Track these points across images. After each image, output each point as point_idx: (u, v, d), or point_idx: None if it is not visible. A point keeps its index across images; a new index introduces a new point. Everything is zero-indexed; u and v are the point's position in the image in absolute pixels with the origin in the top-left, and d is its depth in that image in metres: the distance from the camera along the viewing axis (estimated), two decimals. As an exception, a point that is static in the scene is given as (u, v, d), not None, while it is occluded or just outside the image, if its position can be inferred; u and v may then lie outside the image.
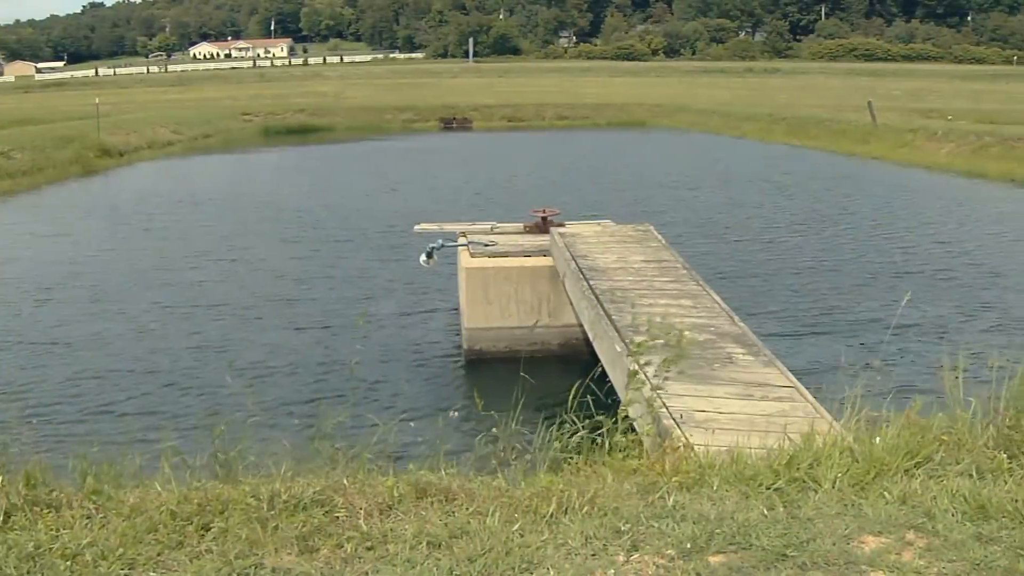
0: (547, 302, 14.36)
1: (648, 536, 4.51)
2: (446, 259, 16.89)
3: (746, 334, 9.49)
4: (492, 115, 68.68)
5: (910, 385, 11.72)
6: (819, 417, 6.93)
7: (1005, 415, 5.96)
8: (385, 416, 10.71)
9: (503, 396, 6.86)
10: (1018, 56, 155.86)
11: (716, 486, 5.12)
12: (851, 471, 5.25)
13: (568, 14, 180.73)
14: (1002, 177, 35.20)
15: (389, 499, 4.96)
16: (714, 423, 6.81)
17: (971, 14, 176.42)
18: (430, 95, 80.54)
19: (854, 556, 4.31)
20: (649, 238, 15.21)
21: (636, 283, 11.91)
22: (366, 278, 19.93)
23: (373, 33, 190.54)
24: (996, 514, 4.69)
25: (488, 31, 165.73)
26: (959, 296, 18.25)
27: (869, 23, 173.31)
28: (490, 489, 5.17)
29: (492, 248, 15.19)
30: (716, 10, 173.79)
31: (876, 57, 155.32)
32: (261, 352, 14.96)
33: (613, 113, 69.67)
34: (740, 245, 23.79)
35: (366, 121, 65.58)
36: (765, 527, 4.55)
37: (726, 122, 60.88)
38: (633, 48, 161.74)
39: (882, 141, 45.51)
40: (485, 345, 14.40)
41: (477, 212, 25.32)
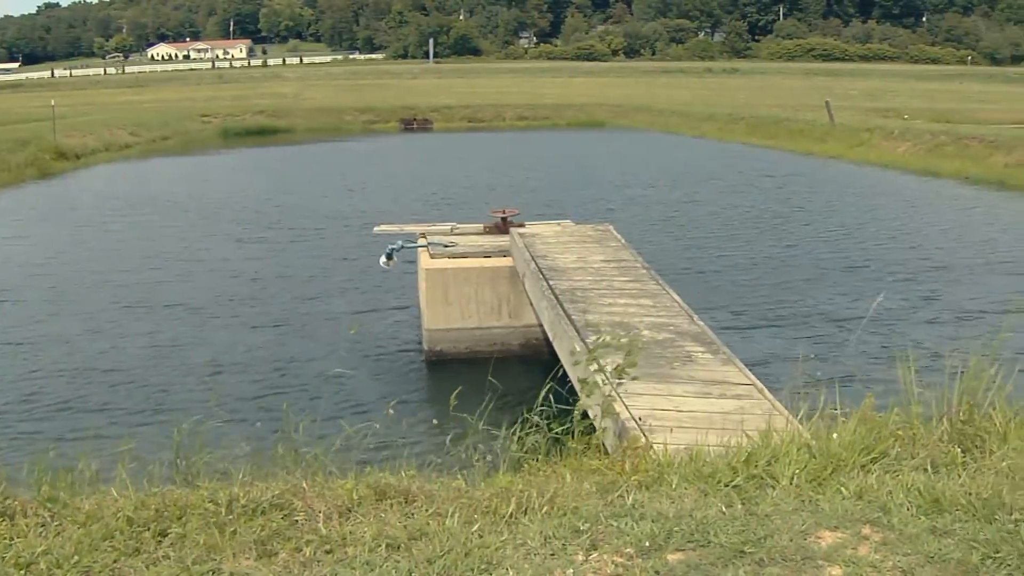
0: (507, 302, 14.36)
1: (607, 535, 4.52)
2: (406, 260, 16.86)
3: (705, 333, 9.54)
4: (452, 116, 68.66)
5: (866, 380, 11.86)
6: (777, 414, 6.97)
7: (959, 409, 6.03)
8: (345, 418, 10.68)
9: (465, 397, 6.85)
10: (972, 56, 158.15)
11: (675, 484, 5.13)
12: (808, 467, 5.28)
13: (528, 15, 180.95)
14: (956, 175, 35.76)
15: (348, 502, 4.94)
16: (673, 422, 6.84)
17: (926, 15, 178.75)
18: (390, 96, 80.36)
19: (811, 551, 4.34)
20: (608, 238, 15.25)
21: (596, 283, 11.94)
22: (326, 280, 19.83)
23: (333, 34, 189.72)
24: (950, 507, 4.74)
25: (448, 32, 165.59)
26: (912, 290, 18.57)
27: (826, 24, 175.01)
28: (450, 490, 5.16)
29: (452, 249, 15.17)
30: (675, 11, 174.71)
31: (833, 57, 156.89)
32: (219, 354, 14.85)
33: (573, 113, 69.87)
34: (697, 243, 23.98)
35: (326, 122, 65.34)
36: (723, 524, 4.58)
37: (685, 122, 61.22)
38: (593, 48, 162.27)
39: (839, 140, 45.98)
40: (446, 346, 14.37)
41: (437, 213, 25.31)
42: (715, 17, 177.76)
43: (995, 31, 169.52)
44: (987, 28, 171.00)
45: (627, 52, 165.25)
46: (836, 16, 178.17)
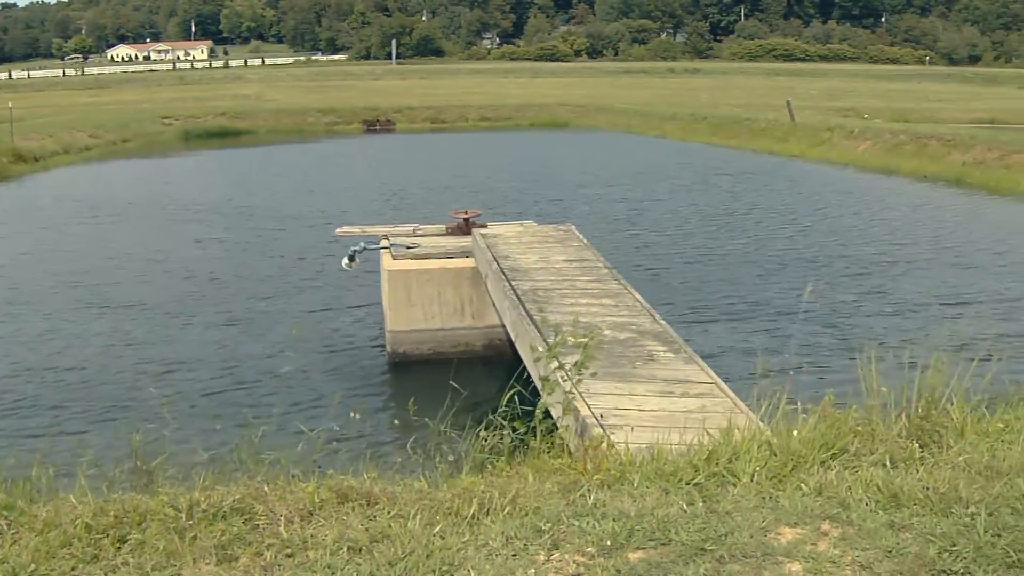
0: (470, 303, 14.36)
1: (569, 534, 4.53)
2: (368, 262, 16.81)
3: (667, 332, 9.58)
4: (415, 117, 68.50)
5: (826, 376, 11.99)
6: (739, 412, 7.02)
7: (917, 405, 6.10)
8: (308, 422, 10.63)
9: (429, 398, 6.86)
10: (930, 56, 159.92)
11: (637, 483, 5.15)
12: (769, 464, 5.32)
13: (491, 15, 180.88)
14: (914, 173, 36.30)
15: (310, 505, 4.92)
16: (635, 421, 6.86)
17: (885, 15, 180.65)
18: (353, 97, 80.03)
19: (771, 548, 4.37)
20: (570, 238, 15.28)
21: (558, 283, 11.96)
22: (287, 282, 19.73)
23: (295, 35, 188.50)
24: (908, 502, 4.79)
25: (411, 32, 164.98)
26: (871, 285, 19.01)
27: (787, 24, 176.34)
28: (412, 492, 5.15)
29: (414, 250, 15.15)
30: (638, 11, 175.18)
31: (794, 57, 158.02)
32: (179, 356, 14.76)
33: (536, 114, 69.92)
34: (656, 240, 24.23)
35: (288, 124, 65.01)
36: (684, 522, 4.60)
37: (648, 122, 61.45)
38: (556, 49, 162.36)
39: (801, 139, 46.38)
40: (409, 348, 14.35)
41: (399, 214, 25.26)
42: (677, 18, 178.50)
43: (952, 32, 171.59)
44: (944, 29, 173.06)
45: (590, 52, 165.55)
46: (797, 17, 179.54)
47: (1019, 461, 5.26)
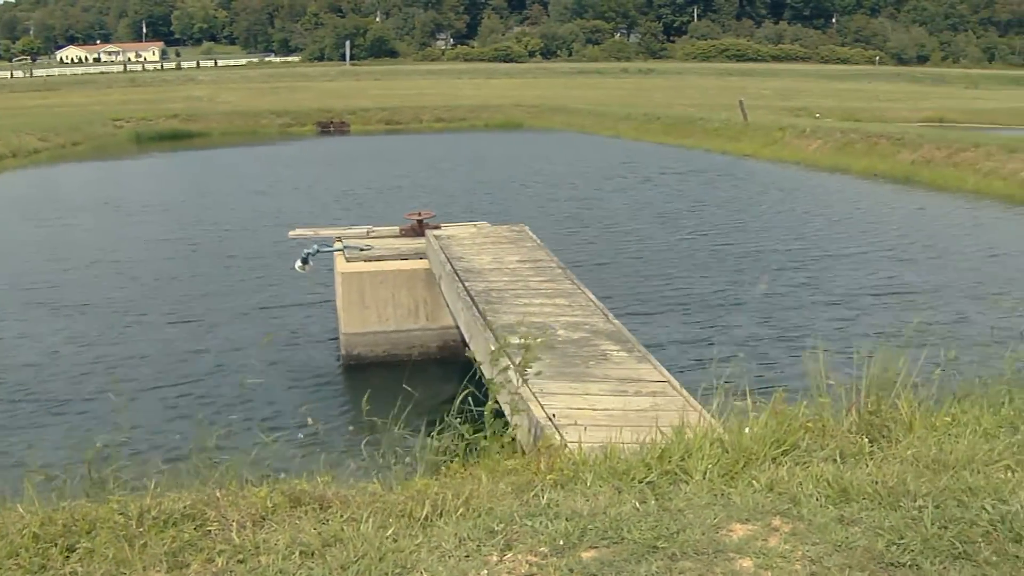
0: (424, 305, 14.33)
1: (521, 535, 4.52)
2: (322, 264, 16.72)
3: (620, 331, 9.61)
4: (370, 118, 68.19)
5: (777, 372, 12.12)
6: (691, 410, 7.05)
7: (866, 400, 6.16)
8: (261, 425, 10.58)
9: (384, 400, 6.82)
10: (880, 56, 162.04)
11: (590, 482, 5.15)
12: (721, 462, 5.35)
13: (445, 16, 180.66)
14: (865, 172, 36.81)
15: (262, 510, 4.87)
16: (588, 420, 6.86)
17: (836, 16, 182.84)
18: (307, 99, 79.58)
19: (722, 544, 4.39)
20: (524, 238, 15.30)
21: (511, 283, 11.96)
22: (240, 285, 19.57)
23: (248, 36, 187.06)
24: (857, 496, 4.84)
25: (365, 33, 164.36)
26: (806, 277, 19.80)
27: (739, 24, 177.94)
28: (365, 495, 5.12)
29: (368, 252, 15.08)
30: (591, 12, 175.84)
31: (747, 57, 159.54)
32: (131, 360, 14.60)
33: (490, 115, 69.91)
34: (610, 239, 24.44)
35: (242, 126, 64.46)
36: (637, 520, 4.60)
37: (602, 122, 61.65)
38: (510, 50, 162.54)
39: (753, 139, 46.75)
40: (363, 350, 14.29)
41: (353, 216, 25.16)
42: (631, 18, 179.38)
43: (901, 32, 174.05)
44: (893, 29, 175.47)
45: (544, 53, 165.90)
46: (749, 17, 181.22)
47: (966, 454, 5.33)
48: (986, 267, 20.66)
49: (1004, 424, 5.97)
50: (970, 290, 18.43)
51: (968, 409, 6.23)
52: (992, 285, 18.71)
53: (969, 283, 18.98)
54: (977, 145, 35.39)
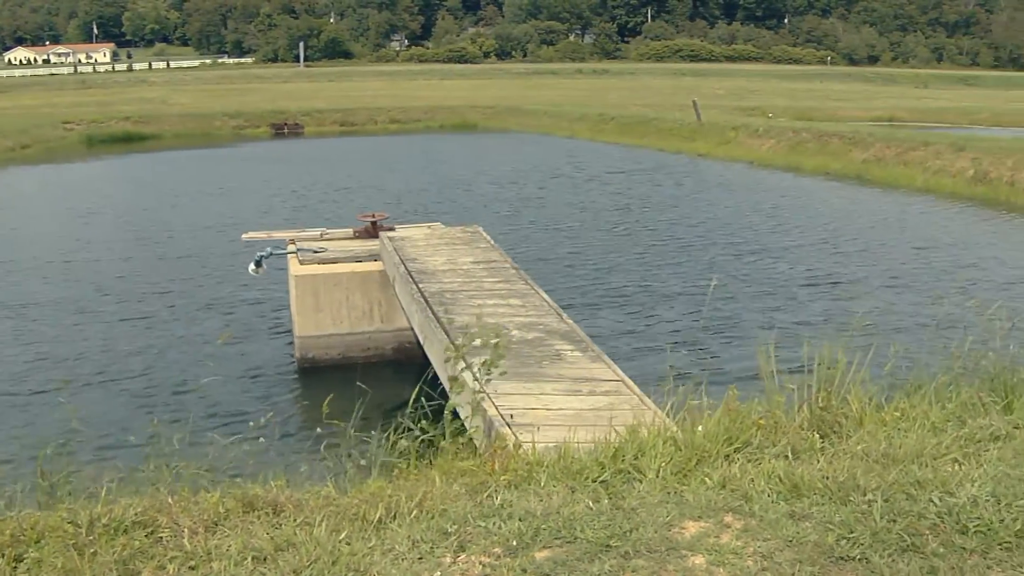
0: (379, 307, 14.28)
1: (475, 536, 4.52)
2: (276, 267, 16.62)
3: (574, 331, 9.62)
4: (324, 120, 67.76)
5: (731, 371, 12.21)
6: (645, 409, 7.08)
7: (817, 396, 6.22)
8: (216, 430, 10.46)
9: (339, 403, 6.79)
10: (831, 57, 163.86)
11: (544, 482, 5.16)
12: (674, 460, 5.38)
13: (399, 17, 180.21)
14: (817, 170, 37.27)
15: (215, 515, 4.84)
16: (543, 420, 6.87)
17: (788, 17, 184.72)
18: (260, 100, 79.00)
19: (675, 542, 4.42)
20: (478, 239, 15.29)
21: (465, 284, 11.95)
22: (194, 289, 19.38)
23: (200, 37, 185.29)
24: (808, 492, 4.89)
25: (319, 35, 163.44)
26: (750, 269, 20.55)
27: (693, 25, 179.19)
28: (318, 499, 5.11)
29: (321, 255, 14.99)
30: (546, 13, 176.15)
31: (700, 58, 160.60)
32: (84, 364, 14.42)
33: (445, 116, 69.80)
34: (561, 238, 24.66)
35: (195, 128, 63.79)
36: (590, 519, 4.63)
37: (557, 123, 61.78)
38: (465, 51, 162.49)
39: (707, 138, 47.08)
40: (318, 353, 14.21)
41: (307, 218, 25.03)
42: (585, 19, 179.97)
43: (852, 33, 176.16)
44: (845, 30, 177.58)
45: (498, 54, 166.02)
46: (702, 18, 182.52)
47: (914, 448, 5.40)
48: (913, 259, 21.62)
49: (951, 418, 6.05)
50: (893, 281, 19.34)
51: (917, 404, 6.31)
52: (913, 277, 19.68)
53: (893, 274, 19.92)
54: (926, 144, 35.91)
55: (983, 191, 30.20)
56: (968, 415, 6.12)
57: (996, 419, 5.98)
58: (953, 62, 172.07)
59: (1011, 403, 6.37)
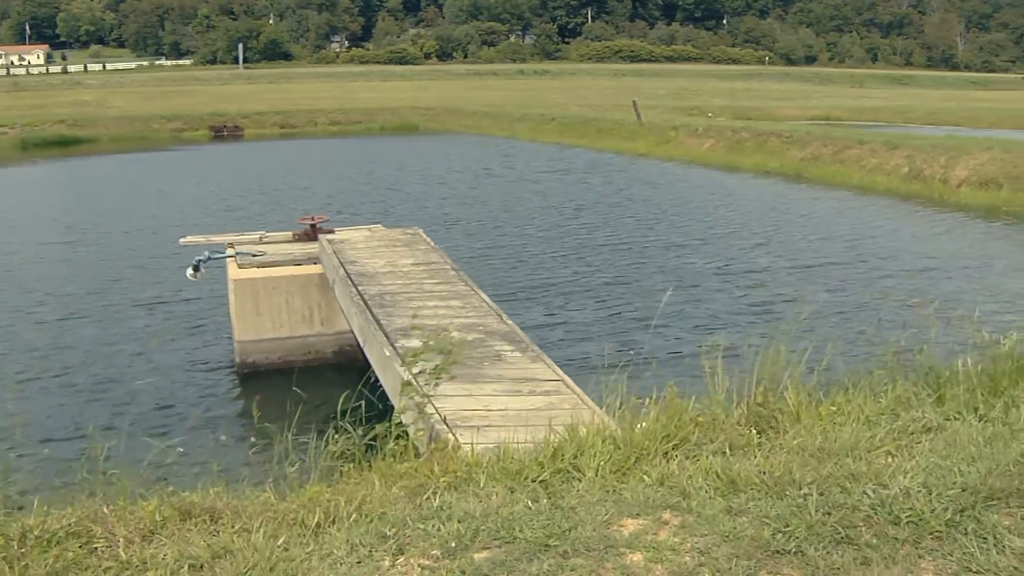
0: (319, 310, 14.18)
1: (414, 538, 4.50)
2: (215, 271, 16.45)
3: (514, 332, 9.62)
4: (264, 122, 67.18)
5: (669, 369, 12.29)
6: (585, 408, 7.09)
7: (755, 393, 6.28)
8: (154, 438, 10.30)
9: (279, 408, 6.74)
10: (769, 57, 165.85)
11: (483, 483, 5.16)
12: (613, 458, 5.40)
13: (339, 18, 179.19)
14: (755, 169, 37.75)
15: (151, 524, 4.76)
16: (483, 421, 6.86)
17: (726, 17, 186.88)
18: (199, 103, 78.15)
19: (613, 540, 4.43)
20: (418, 241, 15.24)
21: (405, 286, 11.89)
22: (132, 294, 19.07)
23: (137, 39, 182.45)
24: (745, 487, 4.93)
25: (258, 36, 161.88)
26: (682, 263, 21.29)
27: (633, 26, 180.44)
28: (257, 504, 5.05)
29: (260, 258, 14.85)
30: (486, 14, 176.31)
31: (640, 58, 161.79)
32: (17, 371, 14.13)
33: (386, 118, 69.58)
34: (500, 239, 24.78)
35: (132, 131, 62.91)
36: (529, 519, 4.62)
37: (498, 124, 61.87)
38: (405, 52, 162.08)
39: (647, 138, 47.40)
40: (258, 357, 14.06)
41: (246, 222, 24.80)
42: (525, 20, 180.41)
43: (790, 33, 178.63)
44: (782, 30, 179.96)
45: (439, 55, 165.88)
46: (642, 19, 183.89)
47: (849, 441, 5.47)
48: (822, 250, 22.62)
49: (886, 412, 6.14)
50: (797, 271, 20.22)
51: (852, 398, 6.39)
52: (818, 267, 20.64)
53: (798, 266, 20.80)
54: (862, 142, 36.49)
55: (917, 188, 30.77)
56: (902, 408, 6.21)
57: (928, 412, 6.07)
58: (888, 62, 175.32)
59: (943, 396, 6.47)
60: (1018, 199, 27.29)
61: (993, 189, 28.52)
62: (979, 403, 6.24)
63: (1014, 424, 5.76)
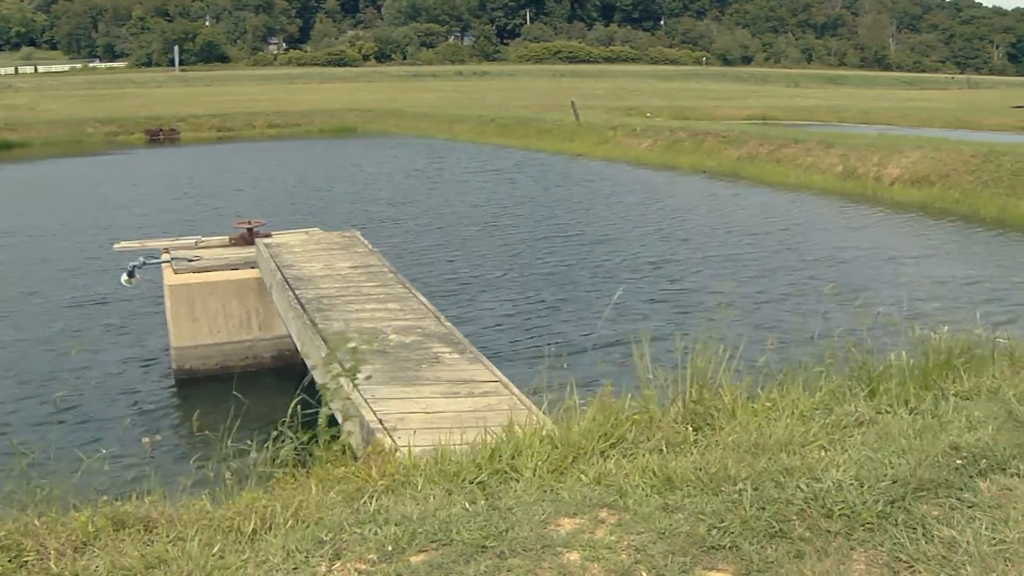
0: (256, 315, 14.03)
1: (351, 543, 4.48)
2: (151, 277, 16.22)
3: (452, 333, 9.61)
4: (201, 125, 66.35)
5: (606, 368, 12.36)
6: (523, 408, 7.10)
7: (690, 390, 6.33)
8: (90, 447, 10.13)
9: (217, 414, 6.66)
10: (706, 57, 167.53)
11: (420, 486, 5.15)
12: (550, 458, 5.42)
13: (276, 20, 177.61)
14: (693, 168, 38.11)
15: (84, 535, 4.67)
16: (420, 423, 6.84)
17: (664, 19, 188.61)
18: (134, 106, 77.03)
19: (550, 540, 4.44)
20: (355, 244, 15.15)
21: (343, 290, 11.83)
22: (64, 301, 18.73)
23: (70, 41, 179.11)
24: (681, 484, 4.97)
25: (194, 38, 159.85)
26: (599, 258, 21.61)
27: (571, 27, 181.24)
28: (192, 512, 4.98)
29: (197, 263, 14.67)
30: (425, 15, 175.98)
31: (579, 59, 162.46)
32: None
33: (325, 120, 69.10)
34: (436, 239, 24.90)
35: (65, 135, 61.71)
36: (466, 521, 4.62)
37: (437, 125, 61.77)
38: (344, 54, 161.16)
39: (585, 138, 47.62)
40: (195, 364, 13.88)
41: (182, 226, 24.49)
42: (464, 21, 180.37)
43: (726, 34, 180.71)
44: (719, 31, 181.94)
45: (378, 57, 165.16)
46: (580, 20, 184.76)
47: (783, 436, 5.55)
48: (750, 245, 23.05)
49: (819, 406, 6.23)
50: (720, 264, 20.79)
51: (786, 393, 6.47)
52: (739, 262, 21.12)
53: (719, 259, 21.38)
54: (797, 141, 36.97)
55: (851, 186, 31.28)
56: (835, 403, 6.31)
57: (861, 405, 6.18)
58: (822, 62, 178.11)
59: (875, 389, 6.58)
60: (948, 196, 27.85)
61: (925, 186, 29.07)
62: (910, 396, 6.35)
63: (943, 416, 5.88)
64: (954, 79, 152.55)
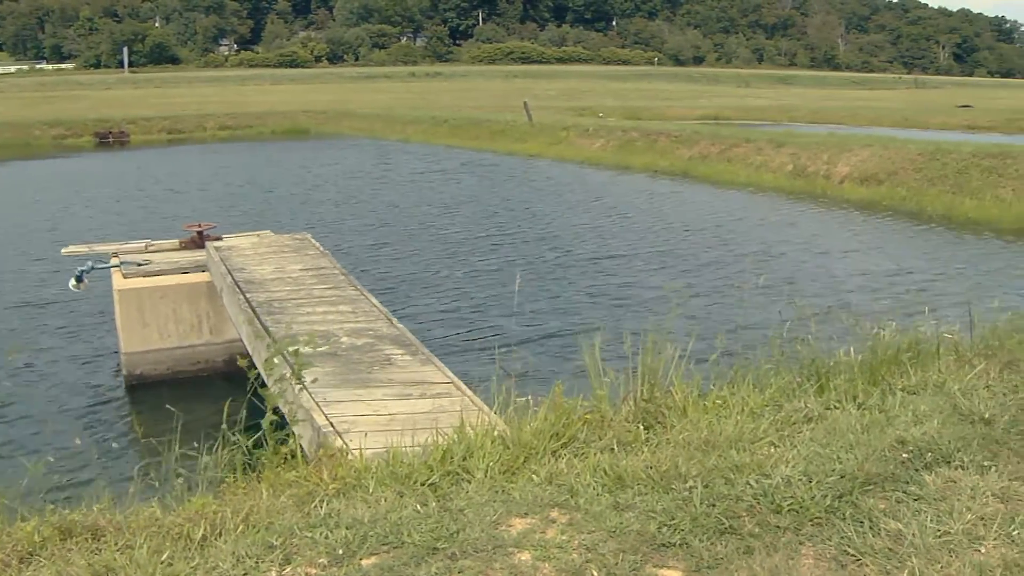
0: (207, 319, 13.90)
1: (301, 547, 4.44)
2: (99, 282, 16.01)
3: (404, 335, 9.59)
4: (151, 128, 65.59)
5: (557, 366, 12.39)
6: (475, 409, 7.09)
7: (641, 389, 6.35)
8: (36, 455, 10.00)
9: (167, 419, 6.57)
10: (658, 58, 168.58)
11: (372, 488, 5.12)
12: (502, 459, 5.42)
13: (227, 21, 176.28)
14: (645, 168, 38.33)
15: (29, 545, 4.60)
16: (372, 426, 6.81)
17: (616, 19, 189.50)
18: (83, 108, 75.97)
19: (502, 540, 4.43)
20: (307, 247, 15.07)
21: (294, 292, 11.76)
22: (10, 307, 18.46)
23: (16, 42, 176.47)
24: (632, 482, 4.98)
25: (144, 39, 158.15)
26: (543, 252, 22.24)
27: (524, 28, 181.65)
28: (141, 520, 4.92)
29: (146, 267, 14.49)
30: (378, 16, 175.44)
31: (532, 60, 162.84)
32: None
33: (277, 121, 68.60)
34: (391, 241, 24.83)
35: (12, 138, 60.67)
36: (417, 523, 4.60)
37: (390, 126, 61.61)
38: (296, 55, 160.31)
39: (538, 139, 47.71)
40: (146, 369, 13.72)
41: (131, 230, 24.21)
42: (417, 22, 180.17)
43: (678, 34, 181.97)
44: (670, 32, 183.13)
45: (330, 58, 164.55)
46: (533, 21, 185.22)
47: (733, 433, 5.59)
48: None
49: (769, 403, 6.29)
50: (664, 260, 21.34)
51: (737, 391, 6.52)
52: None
53: (662, 254, 22.00)
54: (748, 140, 37.31)
55: (801, 184, 31.62)
56: (785, 399, 6.37)
57: (810, 402, 6.25)
58: (772, 62, 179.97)
59: (824, 385, 6.65)
60: (896, 194, 28.29)
61: (873, 184, 29.48)
62: (858, 392, 6.43)
63: (890, 411, 5.95)
64: (901, 79, 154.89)
